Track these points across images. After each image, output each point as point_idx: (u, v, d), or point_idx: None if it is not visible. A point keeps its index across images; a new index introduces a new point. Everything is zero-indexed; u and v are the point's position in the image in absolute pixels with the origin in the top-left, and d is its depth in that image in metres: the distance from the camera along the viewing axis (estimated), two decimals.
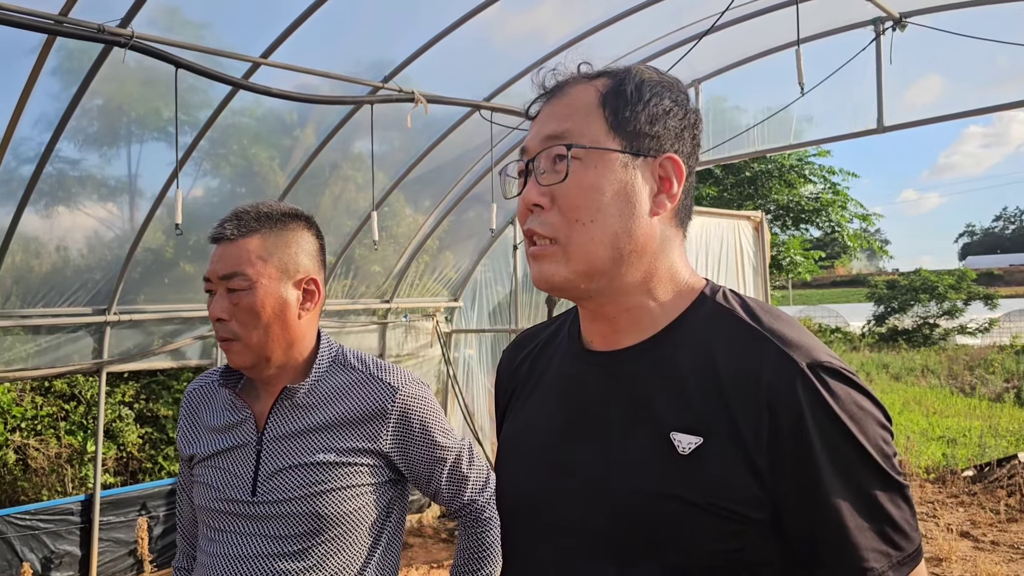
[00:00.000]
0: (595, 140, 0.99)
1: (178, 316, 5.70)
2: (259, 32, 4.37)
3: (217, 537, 1.59)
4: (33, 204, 4.61)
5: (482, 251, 7.32)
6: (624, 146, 1.00)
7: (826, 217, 18.22)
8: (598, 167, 0.99)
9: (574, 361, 1.11)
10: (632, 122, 1.00)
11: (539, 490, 1.07)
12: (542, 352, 1.20)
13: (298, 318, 1.61)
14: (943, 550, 6.22)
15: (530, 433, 1.13)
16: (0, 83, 4.06)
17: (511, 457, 1.16)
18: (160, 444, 7.92)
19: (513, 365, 1.25)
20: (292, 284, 1.60)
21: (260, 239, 1.57)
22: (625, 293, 1.02)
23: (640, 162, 1.00)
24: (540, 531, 1.05)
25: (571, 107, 1.02)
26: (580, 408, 1.06)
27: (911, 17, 4.54)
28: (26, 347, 5.11)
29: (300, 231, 1.64)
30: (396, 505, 1.68)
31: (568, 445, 1.05)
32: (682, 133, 1.03)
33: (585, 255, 0.99)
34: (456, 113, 5.71)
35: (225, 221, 1.60)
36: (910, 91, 5.22)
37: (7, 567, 5.18)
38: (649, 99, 1.01)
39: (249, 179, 5.57)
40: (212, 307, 1.57)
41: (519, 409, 1.19)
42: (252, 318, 1.55)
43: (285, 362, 1.62)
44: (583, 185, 0.98)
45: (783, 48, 5.24)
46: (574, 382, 1.09)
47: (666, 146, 1.01)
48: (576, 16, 5.17)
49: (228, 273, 1.55)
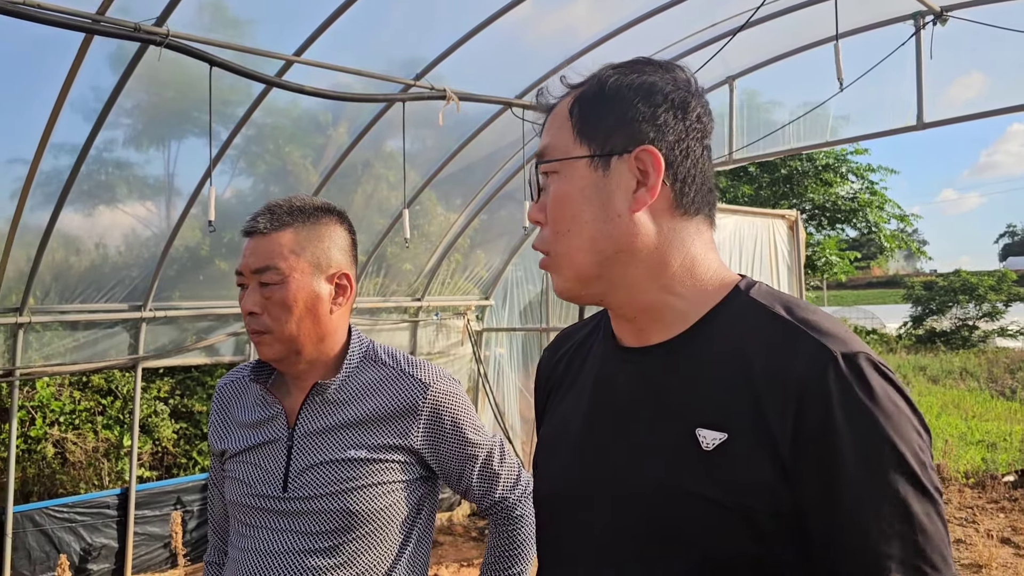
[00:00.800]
0: (564, 151, 1.01)
1: (212, 312, 5.77)
2: (292, 31, 4.40)
3: (248, 532, 1.59)
4: (73, 203, 4.69)
5: (513, 250, 7.31)
6: (593, 150, 0.99)
7: (863, 217, 17.95)
8: (569, 177, 1.00)
9: (607, 358, 1.10)
10: (599, 124, 0.99)
11: (572, 487, 1.06)
12: (579, 350, 1.20)
13: (330, 313, 1.60)
14: (983, 556, 6.08)
15: (565, 430, 1.12)
16: (39, 82, 4.13)
17: (547, 454, 1.16)
18: (194, 439, 8.02)
19: (552, 363, 1.25)
20: (324, 278, 1.59)
21: (293, 233, 1.57)
22: (634, 292, 1.01)
23: (615, 161, 0.98)
24: (574, 528, 1.05)
25: (552, 122, 1.05)
26: (611, 405, 1.05)
27: (952, 11, 4.43)
28: (64, 342, 5.20)
29: (333, 225, 1.63)
30: (427, 502, 1.66)
31: (599, 442, 1.04)
32: (661, 120, 0.98)
33: (571, 263, 1.01)
34: (487, 112, 5.70)
35: (258, 215, 1.59)
36: (951, 87, 5.11)
37: (45, 558, 5.28)
38: (614, 96, 0.99)
39: (282, 177, 5.62)
40: (244, 300, 1.56)
41: (556, 406, 1.19)
42: (284, 311, 1.54)
43: (316, 357, 1.61)
44: (557, 197, 1.01)
45: (819, 44, 5.15)
46: (606, 379, 1.08)
47: (641, 138, 0.98)
48: (608, 13, 5.13)
49: (261, 267, 1.54)
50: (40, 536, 5.26)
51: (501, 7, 4.64)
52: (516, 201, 6.54)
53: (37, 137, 4.18)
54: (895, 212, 18.46)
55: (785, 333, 0.92)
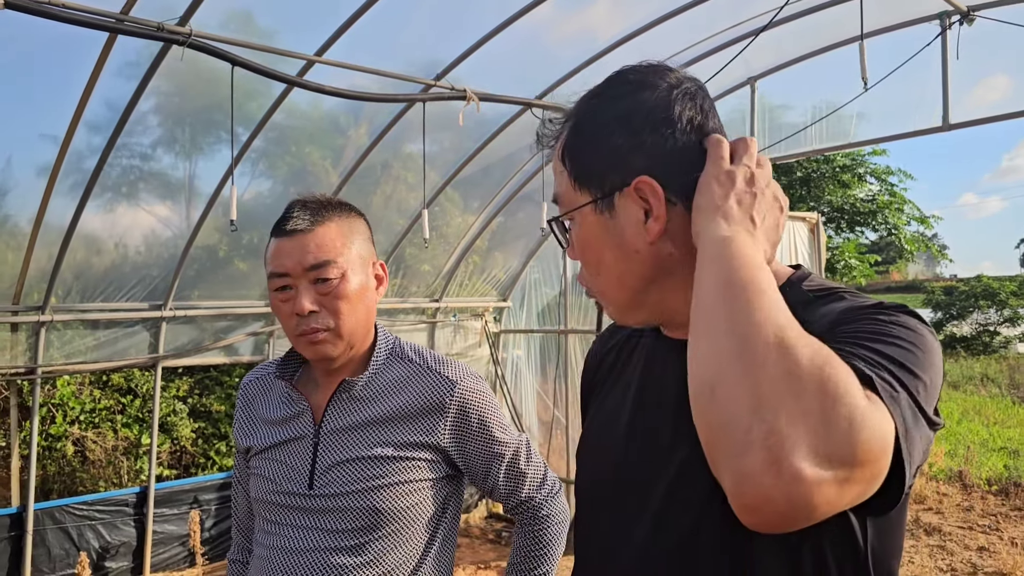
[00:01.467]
0: (570, 200, 1.02)
1: (231, 312, 5.79)
2: (310, 35, 4.41)
3: (274, 530, 1.57)
4: (94, 201, 4.71)
5: (531, 252, 7.29)
6: (593, 194, 0.99)
7: (882, 219, 17.78)
8: (582, 225, 1.01)
9: (658, 348, 1.10)
10: (589, 168, 0.99)
11: (622, 476, 1.05)
12: (628, 341, 1.20)
13: (374, 303, 1.62)
14: (1007, 564, 5.99)
15: (615, 421, 1.11)
16: (62, 81, 4.16)
17: (595, 444, 1.15)
18: (212, 439, 8.05)
19: (601, 355, 1.26)
20: (369, 269, 1.60)
21: (336, 226, 1.55)
22: (682, 303, 0.98)
23: (616, 199, 0.97)
24: (618, 516, 1.04)
25: (555, 168, 1.06)
26: (664, 396, 1.04)
27: (979, 11, 4.38)
28: (85, 341, 5.24)
29: (357, 218, 1.63)
30: (452, 501, 1.65)
31: (653, 432, 1.03)
32: (648, 143, 0.95)
33: (612, 299, 1.04)
34: (504, 114, 5.69)
35: (293, 213, 1.54)
36: (977, 88, 5.04)
37: (64, 556, 5.31)
38: (593, 135, 0.98)
39: (302, 178, 5.63)
40: (298, 301, 1.50)
41: (605, 396, 1.18)
42: (346, 305, 1.52)
43: (353, 353, 1.60)
44: (580, 243, 1.03)
45: (842, 44, 5.10)
46: (658, 370, 1.07)
47: (634, 169, 0.95)
48: (628, 14, 5.10)
49: (318, 262, 1.50)
50: (60, 533, 5.29)
51: (520, 8, 4.63)
52: (534, 203, 6.53)
53: (61, 137, 4.21)
54: (915, 214, 18.27)
55: (843, 309, 0.91)
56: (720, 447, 0.75)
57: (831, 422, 0.71)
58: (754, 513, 0.73)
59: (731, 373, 0.75)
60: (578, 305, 7.01)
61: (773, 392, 0.72)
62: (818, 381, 0.72)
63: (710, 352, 0.79)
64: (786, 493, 0.70)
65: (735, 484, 0.73)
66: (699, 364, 0.80)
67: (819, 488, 0.70)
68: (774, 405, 0.72)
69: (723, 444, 0.75)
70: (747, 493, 0.72)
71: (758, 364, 0.74)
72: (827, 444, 0.71)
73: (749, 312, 0.78)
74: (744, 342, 0.76)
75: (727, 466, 0.74)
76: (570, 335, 6.92)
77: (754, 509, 0.73)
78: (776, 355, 0.74)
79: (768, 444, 0.71)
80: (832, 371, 0.73)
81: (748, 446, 0.72)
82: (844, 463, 0.71)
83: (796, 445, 0.70)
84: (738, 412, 0.73)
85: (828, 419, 0.71)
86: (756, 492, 0.71)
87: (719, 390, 0.76)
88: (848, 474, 0.72)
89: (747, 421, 0.72)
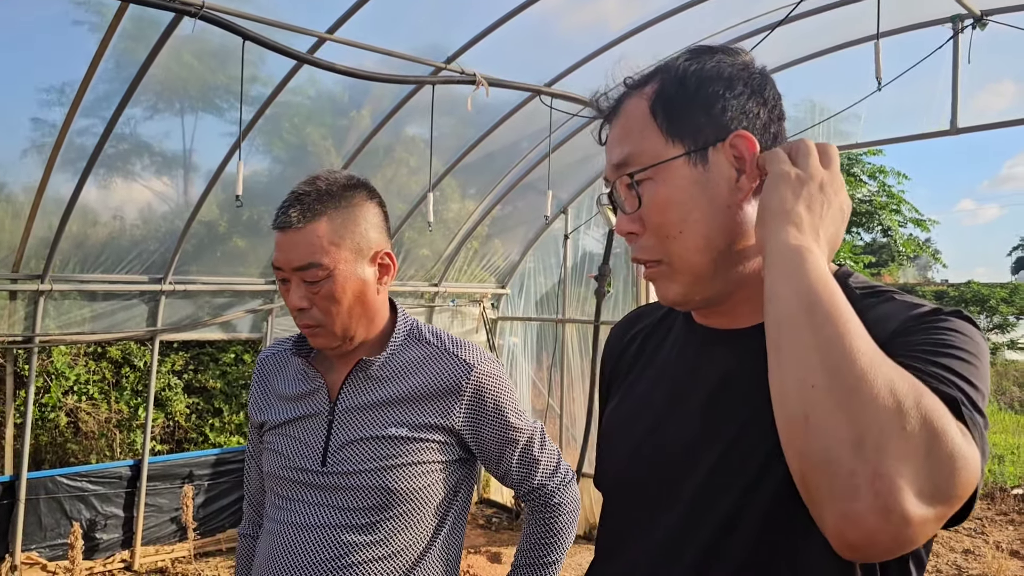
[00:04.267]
0: (655, 154, 0.98)
1: (229, 289, 5.77)
2: (322, 11, 4.38)
3: (285, 505, 1.58)
4: (91, 173, 4.68)
5: (531, 240, 7.28)
6: (687, 147, 0.97)
7: (878, 221, 17.81)
8: (668, 180, 0.97)
9: (691, 338, 1.09)
10: (687, 120, 0.97)
11: (657, 466, 1.04)
12: (656, 330, 1.18)
13: (376, 294, 1.59)
14: (992, 568, 6.05)
15: (645, 409, 1.10)
16: (69, 52, 4.12)
17: (624, 432, 1.13)
18: (206, 415, 8.05)
19: (623, 342, 1.24)
20: (367, 262, 1.56)
21: (328, 222, 1.50)
22: (741, 285, 1.00)
23: (711, 153, 0.97)
24: (653, 505, 1.03)
25: (626, 127, 1.01)
26: (701, 385, 1.03)
27: (993, 15, 4.37)
28: (82, 312, 5.21)
29: (363, 204, 1.58)
30: (464, 485, 1.65)
31: (687, 419, 1.03)
32: (747, 104, 0.98)
33: (687, 266, 0.98)
34: (508, 102, 5.67)
35: (287, 207, 1.51)
36: (983, 93, 5.04)
37: (55, 525, 5.30)
38: (697, 89, 0.97)
39: (302, 158, 5.60)
40: (290, 297, 1.51)
41: (632, 385, 1.17)
42: (334, 305, 1.51)
43: (365, 337, 1.60)
44: (659, 203, 0.98)
45: (854, 44, 5.09)
46: (693, 359, 1.07)
47: (732, 126, 0.97)
48: (640, 5, 5.07)
49: (303, 264, 1.48)
50: (52, 503, 5.29)
51: None
52: (537, 191, 6.51)
53: (67, 105, 4.18)
54: (912, 216, 18.29)
55: (906, 308, 0.91)
56: (822, 487, 0.74)
57: (936, 462, 0.71)
58: (856, 551, 0.73)
59: (826, 403, 0.74)
60: (576, 295, 7.01)
61: (875, 428, 0.71)
62: (920, 418, 0.72)
63: (799, 377, 0.77)
64: (893, 535, 0.71)
65: (840, 526, 0.73)
66: (787, 389, 0.78)
67: (923, 527, 0.71)
68: (878, 443, 0.71)
69: (825, 484, 0.73)
70: (852, 534, 0.72)
71: (855, 396, 0.73)
72: (933, 485, 0.71)
73: (839, 339, 0.76)
74: (837, 371, 0.74)
75: (832, 509, 0.73)
76: (567, 324, 6.92)
77: (857, 548, 0.73)
78: (874, 387, 0.73)
79: (876, 489, 0.70)
80: (929, 404, 0.73)
81: (854, 490, 0.71)
82: (946, 500, 0.72)
83: (904, 489, 0.70)
84: (838, 450, 0.72)
85: (933, 458, 0.71)
86: (862, 534, 0.71)
87: (813, 420, 0.74)
88: (948, 509, 0.72)
89: (850, 462, 0.71)
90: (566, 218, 6.98)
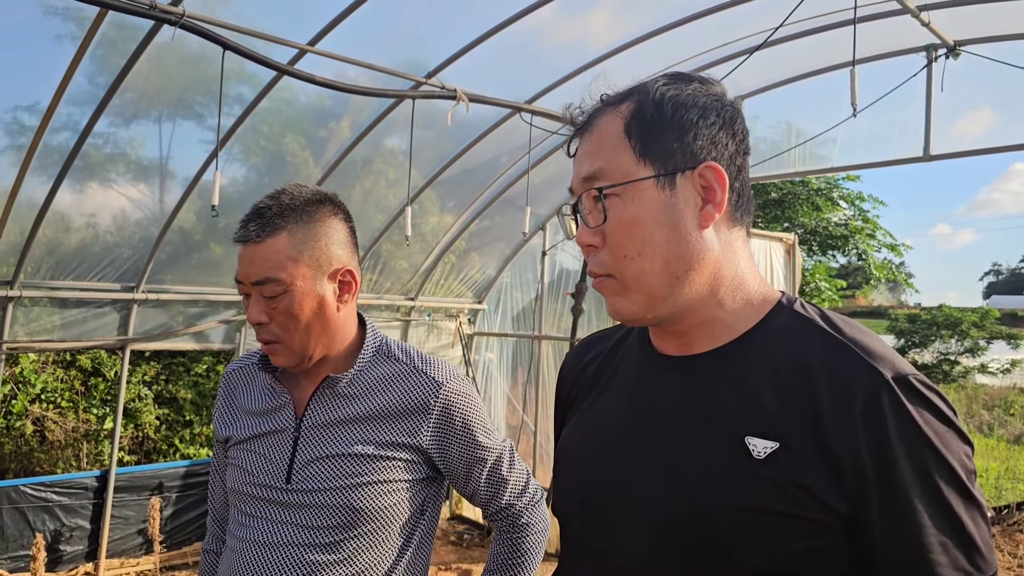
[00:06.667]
0: (626, 173, 0.98)
1: (203, 298, 5.71)
2: (303, 22, 4.37)
3: (248, 522, 1.55)
4: (66, 179, 4.62)
5: (509, 255, 7.29)
6: (657, 170, 0.98)
7: (853, 245, 18.00)
8: (635, 200, 0.98)
9: (646, 365, 1.09)
10: (660, 143, 0.98)
11: (609, 491, 1.04)
12: (610, 355, 1.19)
13: (336, 311, 1.57)
14: None
15: (598, 434, 1.10)
16: (45, 58, 4.08)
17: (577, 457, 1.13)
18: (176, 426, 7.94)
19: (579, 366, 1.24)
20: (327, 278, 1.54)
21: (287, 237, 1.49)
22: (693, 310, 1.01)
23: (679, 179, 0.98)
24: (609, 532, 1.03)
25: (600, 142, 1.01)
26: (651, 411, 1.04)
27: (965, 45, 4.46)
28: (52, 319, 5.13)
29: (327, 219, 1.55)
30: (431, 504, 1.64)
31: (640, 447, 1.03)
32: (718, 135, 1.00)
33: (641, 287, 0.99)
34: (487, 118, 5.68)
35: (248, 220, 1.51)
36: (959, 121, 5.13)
37: (18, 536, 5.20)
38: (673, 114, 0.99)
39: (280, 168, 5.57)
40: (250, 311, 1.52)
41: (586, 410, 1.17)
42: (291, 320, 1.50)
43: (327, 354, 1.59)
44: (623, 221, 0.98)
45: (831, 69, 5.16)
46: (646, 385, 1.07)
47: (702, 155, 0.98)
48: (622, 25, 5.12)
49: (260, 279, 1.49)
50: (15, 514, 5.18)
51: (512, 14, 4.63)
52: (515, 207, 6.52)
53: (43, 110, 4.13)
54: (886, 241, 18.52)
55: (834, 350, 0.93)
56: None
57: None
58: None
59: None
60: (553, 311, 7.02)
61: None
62: None
63: None
64: None
65: None
66: None
67: None
68: None
69: None
70: None
71: None
72: None
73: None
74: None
75: None
76: (543, 341, 6.92)
77: None
78: None
79: None
80: None
81: None
82: None
83: None
84: None
85: None
86: None
87: None
88: None
89: None
90: (544, 234, 7.00)
